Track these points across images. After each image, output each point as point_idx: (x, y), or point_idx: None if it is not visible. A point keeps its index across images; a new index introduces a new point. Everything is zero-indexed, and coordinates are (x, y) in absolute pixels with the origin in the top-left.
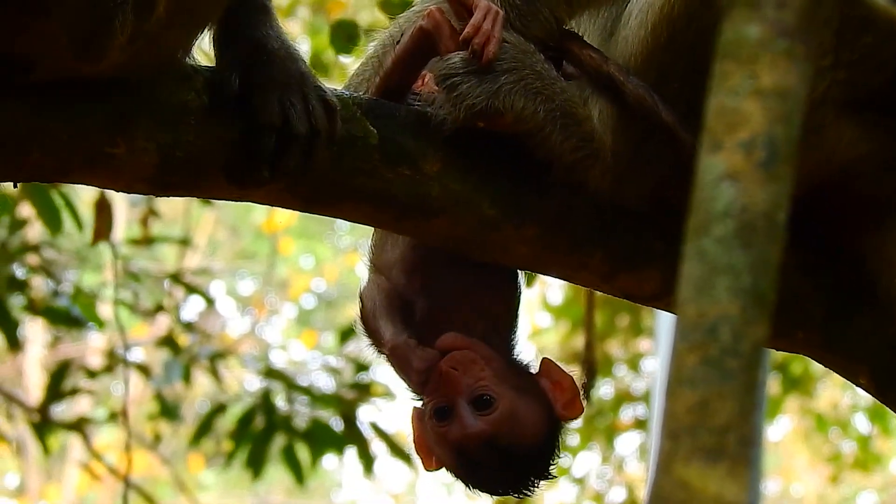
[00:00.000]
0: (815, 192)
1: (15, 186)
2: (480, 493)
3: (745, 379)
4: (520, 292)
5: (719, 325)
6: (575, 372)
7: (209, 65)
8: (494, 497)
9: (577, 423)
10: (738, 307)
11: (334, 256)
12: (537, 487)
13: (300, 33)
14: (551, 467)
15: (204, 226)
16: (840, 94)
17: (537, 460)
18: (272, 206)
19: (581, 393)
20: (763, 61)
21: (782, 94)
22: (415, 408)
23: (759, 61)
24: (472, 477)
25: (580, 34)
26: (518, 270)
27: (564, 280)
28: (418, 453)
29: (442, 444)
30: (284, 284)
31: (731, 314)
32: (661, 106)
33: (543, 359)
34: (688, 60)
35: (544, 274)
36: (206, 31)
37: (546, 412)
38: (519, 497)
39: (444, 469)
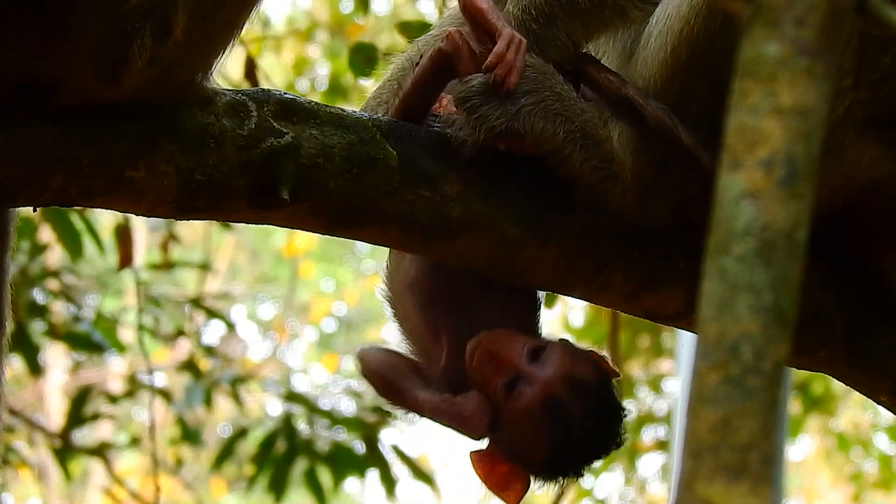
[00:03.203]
0: (836, 211)
1: (35, 210)
2: (581, 466)
3: (767, 397)
4: (539, 311)
5: (741, 343)
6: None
7: (229, 88)
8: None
9: None
10: (760, 326)
11: (355, 280)
12: (621, 438)
13: (319, 56)
14: (623, 414)
15: (224, 250)
16: (861, 113)
17: (610, 396)
18: (295, 228)
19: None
20: (782, 79)
21: (802, 113)
22: (472, 452)
23: (778, 79)
24: (568, 440)
25: (599, 56)
26: (537, 291)
27: (587, 300)
28: (497, 492)
29: (528, 417)
30: (305, 308)
31: (753, 333)
32: (680, 128)
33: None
34: (709, 81)
35: (567, 294)
36: (224, 54)
37: (587, 356)
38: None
39: (529, 481)
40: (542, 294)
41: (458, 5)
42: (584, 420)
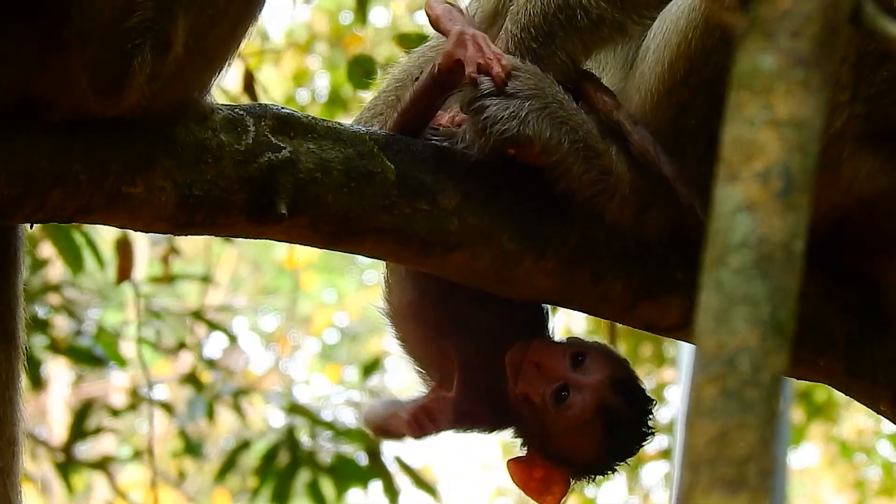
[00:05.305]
0: (834, 223)
1: (31, 227)
2: (625, 458)
3: (765, 410)
4: (546, 311)
5: (738, 356)
6: None
7: (226, 103)
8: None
9: None
10: (757, 338)
11: (357, 290)
12: (653, 426)
13: (319, 68)
14: (652, 401)
15: (226, 262)
16: (859, 127)
17: (643, 390)
18: (293, 243)
19: None
20: (778, 91)
21: (798, 124)
22: (510, 460)
23: (774, 91)
24: (620, 440)
25: (601, 67)
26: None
27: (585, 313)
28: (536, 498)
29: (582, 424)
30: (307, 320)
31: (750, 345)
32: (662, 159)
33: None
34: (707, 96)
35: (565, 307)
36: (222, 70)
37: (612, 351)
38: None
39: (569, 483)
40: None
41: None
42: (631, 418)
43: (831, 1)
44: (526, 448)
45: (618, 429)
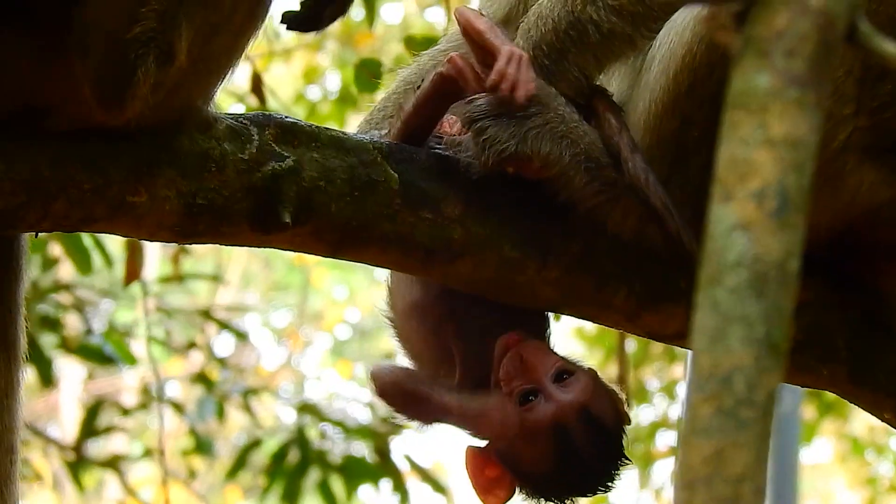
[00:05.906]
0: (837, 234)
1: (36, 236)
2: (567, 496)
3: (760, 428)
4: (548, 318)
5: (733, 375)
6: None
7: (230, 113)
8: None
9: None
10: (752, 357)
11: (368, 286)
12: (613, 485)
13: (329, 66)
14: (624, 462)
15: (237, 259)
16: (862, 140)
17: (619, 439)
18: (297, 251)
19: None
20: (773, 110)
21: (793, 143)
22: (470, 447)
23: (769, 110)
24: (564, 468)
25: (612, 75)
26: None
27: (589, 320)
28: (479, 493)
29: (533, 432)
30: (318, 316)
31: (745, 364)
32: (653, 190)
33: None
34: (710, 109)
35: (569, 314)
36: (225, 79)
37: (610, 395)
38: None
39: (513, 492)
40: None
41: (460, 29)
42: (586, 454)
43: (826, 20)
44: (487, 442)
45: (569, 457)
